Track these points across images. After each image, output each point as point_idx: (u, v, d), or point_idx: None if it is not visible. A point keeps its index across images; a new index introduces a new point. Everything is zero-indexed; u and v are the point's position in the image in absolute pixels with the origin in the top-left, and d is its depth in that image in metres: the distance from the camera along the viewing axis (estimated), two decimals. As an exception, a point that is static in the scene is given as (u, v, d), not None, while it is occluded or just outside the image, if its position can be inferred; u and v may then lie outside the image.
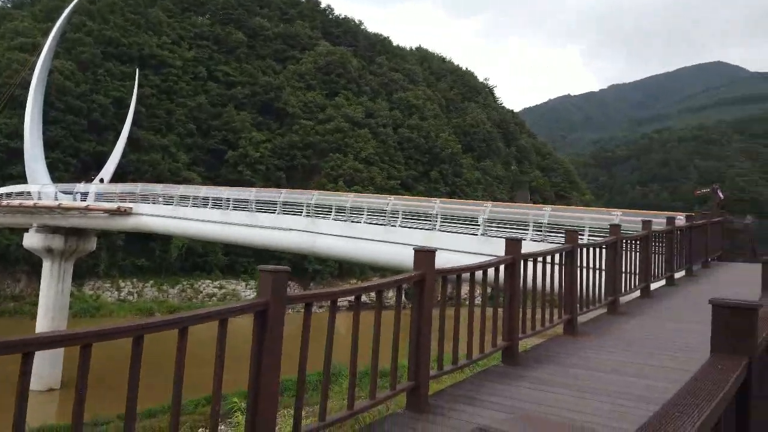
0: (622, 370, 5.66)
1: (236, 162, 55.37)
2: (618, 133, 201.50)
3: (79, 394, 2.49)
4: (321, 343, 3.92)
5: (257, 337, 3.32)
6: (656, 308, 8.67)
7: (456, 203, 23.79)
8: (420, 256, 4.89)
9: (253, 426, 3.24)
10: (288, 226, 23.64)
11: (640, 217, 12.62)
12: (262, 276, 3.41)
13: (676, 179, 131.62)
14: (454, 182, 69.87)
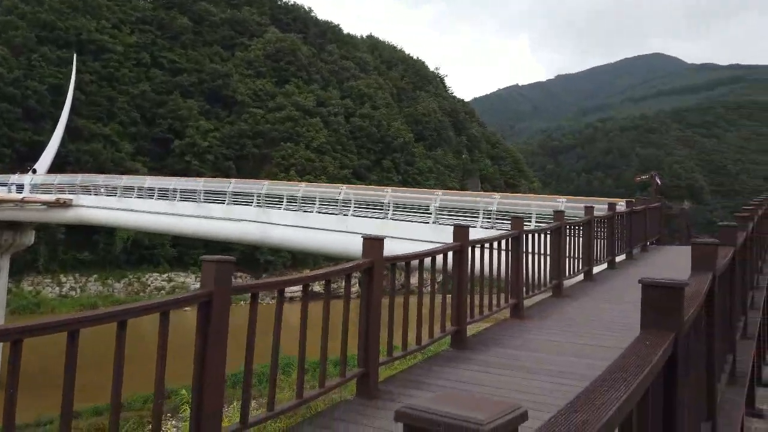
0: (564, 351, 5.87)
1: (183, 151, 53.85)
2: (564, 122, 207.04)
3: (9, 393, 2.38)
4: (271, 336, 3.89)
5: (201, 330, 3.26)
6: (598, 290, 9.01)
7: (408, 192, 23.96)
8: (368, 244, 4.91)
9: (199, 419, 3.20)
10: (238, 217, 23.26)
11: (583, 204, 13.05)
12: (205, 266, 3.35)
13: (618, 167, 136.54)
14: (407, 171, 70.26)
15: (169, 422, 14.63)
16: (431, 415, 0.88)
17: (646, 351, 2.00)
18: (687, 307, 2.62)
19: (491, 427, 0.85)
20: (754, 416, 6.90)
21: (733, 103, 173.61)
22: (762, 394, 7.95)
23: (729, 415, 4.21)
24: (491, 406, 0.93)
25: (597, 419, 1.44)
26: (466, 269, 6.22)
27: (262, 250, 46.52)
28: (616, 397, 1.59)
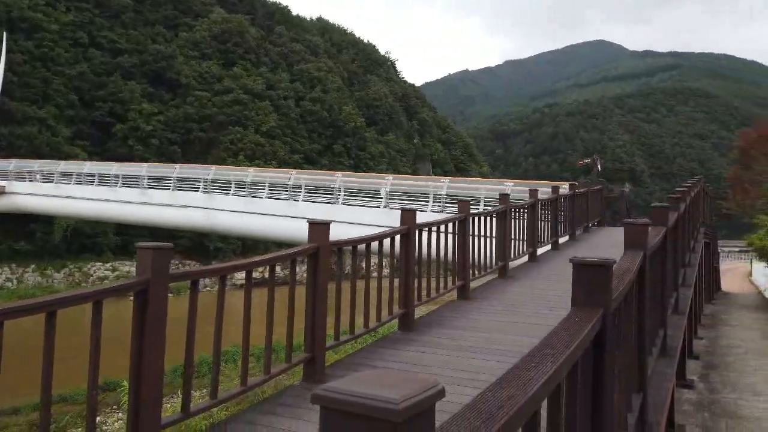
0: (508, 330, 6.03)
1: (126, 136, 51.74)
2: (513, 107, 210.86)
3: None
4: (226, 323, 3.82)
5: (137, 319, 3.17)
6: (542, 271, 9.27)
7: (358, 176, 23.94)
8: (314, 229, 4.88)
9: (137, 409, 3.12)
10: (184, 203, 22.67)
11: (528, 187, 13.36)
12: (140, 253, 3.24)
13: (564, 151, 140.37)
14: (358, 156, 69.97)
15: (115, 414, 14.25)
16: (346, 396, 0.88)
17: (575, 327, 2.07)
18: (617, 284, 2.72)
19: (405, 405, 0.85)
20: (685, 387, 7.31)
21: (671, 89, 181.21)
22: (692, 366, 8.44)
23: (660, 387, 4.43)
24: (409, 384, 0.93)
25: (522, 394, 1.48)
26: (413, 252, 6.28)
27: (211, 237, 45.52)
28: (543, 372, 1.64)
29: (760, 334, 12.06)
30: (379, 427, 0.87)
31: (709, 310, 14.97)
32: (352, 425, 0.89)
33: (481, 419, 1.31)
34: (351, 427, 0.89)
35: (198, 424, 5.57)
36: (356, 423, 0.88)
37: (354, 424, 0.88)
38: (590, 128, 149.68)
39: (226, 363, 10.06)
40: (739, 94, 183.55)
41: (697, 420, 6.02)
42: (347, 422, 0.89)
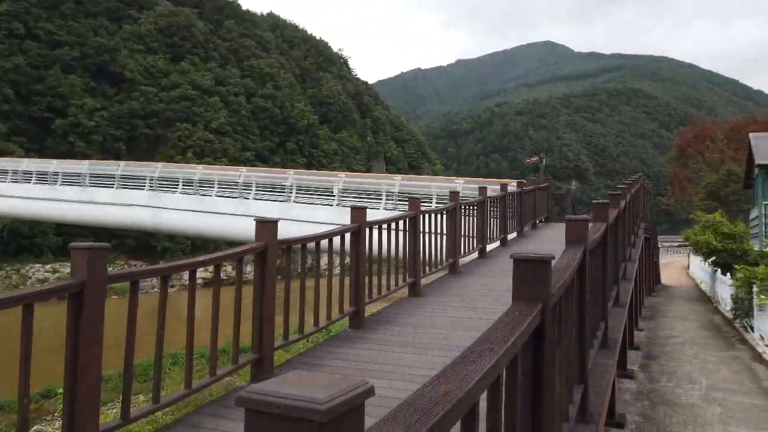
0: (459, 326, 6.11)
1: (66, 132, 49.55)
2: (464, 106, 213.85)
3: None
4: (172, 325, 3.70)
5: (72, 323, 3.03)
6: (491, 267, 9.44)
7: (310, 174, 23.77)
8: (261, 227, 4.80)
9: (72, 416, 2.99)
10: (129, 202, 21.92)
11: (479, 185, 13.58)
12: (74, 254, 3.11)
13: (513, 149, 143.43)
14: (311, 153, 69.40)
15: (56, 422, 13.65)
16: (270, 398, 0.86)
17: (514, 321, 2.11)
18: (557, 278, 2.79)
19: (329, 406, 0.84)
20: (626, 377, 7.60)
21: (615, 90, 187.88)
22: (633, 357, 8.78)
23: (601, 378, 4.58)
24: (336, 383, 0.92)
25: (459, 389, 1.49)
26: (364, 250, 6.27)
27: (158, 237, 44.24)
28: (481, 366, 1.66)
29: (697, 324, 12.66)
30: (304, 429, 0.85)
31: (649, 303, 15.61)
32: (276, 427, 0.87)
33: (417, 415, 1.31)
34: (276, 430, 0.87)
35: (141, 430, 5.40)
36: (281, 425, 0.86)
37: (279, 426, 0.87)
38: (538, 127, 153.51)
39: (174, 366, 9.79)
40: (678, 95, 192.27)
41: (637, 408, 6.26)
42: (273, 425, 0.87)
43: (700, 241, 15.82)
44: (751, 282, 11.47)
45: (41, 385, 13.74)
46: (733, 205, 28.67)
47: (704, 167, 35.44)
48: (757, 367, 8.70)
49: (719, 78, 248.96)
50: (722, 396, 6.97)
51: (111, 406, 9.27)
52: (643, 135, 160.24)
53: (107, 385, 10.48)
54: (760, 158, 17.90)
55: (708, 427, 5.77)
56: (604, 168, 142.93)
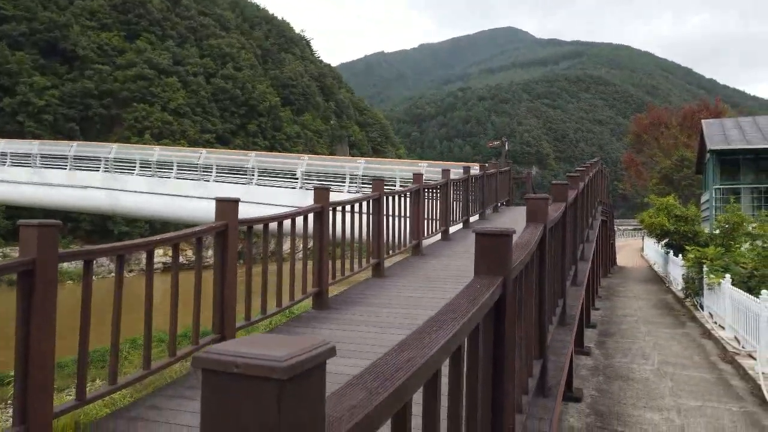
0: (423, 305, 6.16)
1: (15, 111, 47.41)
2: (427, 91, 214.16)
3: None
4: (130, 313, 3.59)
5: (23, 303, 2.92)
6: (454, 248, 9.54)
7: (273, 156, 23.45)
8: (221, 207, 4.71)
9: (24, 398, 2.89)
10: (83, 184, 21.21)
11: (441, 168, 13.65)
12: (24, 231, 2.98)
13: (476, 134, 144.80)
14: (274, 136, 68.40)
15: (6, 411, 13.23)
16: (227, 357, 0.84)
17: (476, 293, 2.12)
18: (517, 254, 2.83)
19: (290, 363, 0.82)
20: (583, 354, 7.82)
21: (575, 77, 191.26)
22: (589, 335, 9.04)
23: (559, 353, 4.70)
24: (297, 343, 0.90)
25: (422, 356, 1.49)
26: (327, 231, 6.23)
27: (115, 220, 43.04)
28: (443, 335, 1.67)
29: (650, 303, 13.13)
30: (264, 387, 0.83)
31: (606, 283, 16.09)
32: (235, 387, 0.84)
33: (379, 381, 1.30)
34: (235, 390, 0.84)
35: (99, 413, 5.28)
36: (240, 384, 0.84)
37: (238, 385, 0.84)
38: (500, 113, 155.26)
39: (132, 350, 9.59)
40: (635, 82, 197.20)
41: (593, 383, 6.47)
42: (230, 384, 0.84)
43: (654, 223, 16.34)
44: (702, 262, 11.93)
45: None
46: (686, 190, 29.71)
47: (659, 153, 36.51)
48: (705, 343, 9.09)
49: (674, 66, 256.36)
50: (673, 370, 7.26)
51: (67, 392, 9.01)
52: (601, 121, 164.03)
53: (63, 371, 10.18)
54: (711, 144, 18.55)
55: (660, 399, 6.01)
56: (564, 153, 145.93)
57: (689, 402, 6.05)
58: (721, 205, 17.24)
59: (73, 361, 11.06)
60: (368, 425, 1.16)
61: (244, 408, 0.85)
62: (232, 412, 0.85)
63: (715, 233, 14.85)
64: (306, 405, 0.89)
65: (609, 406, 5.69)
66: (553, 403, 3.78)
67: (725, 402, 6.09)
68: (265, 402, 0.84)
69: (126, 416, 3.52)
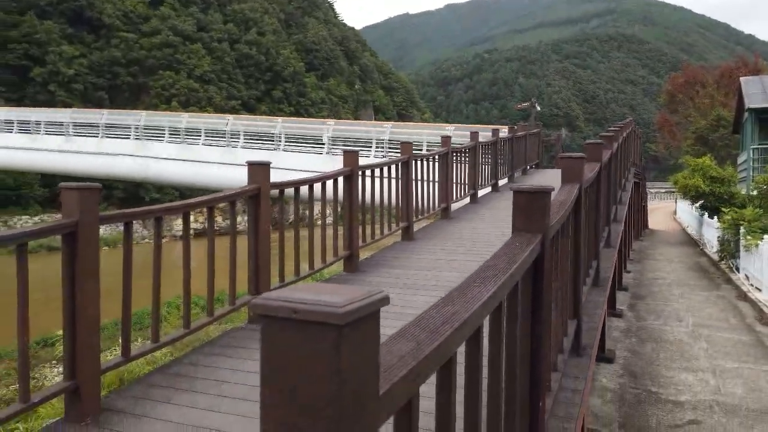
0: (451, 268, 6.17)
1: (45, 81, 48.11)
2: (453, 53, 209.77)
3: None
4: (165, 277, 3.67)
5: (67, 264, 3.00)
6: (482, 212, 9.48)
7: (299, 121, 23.42)
8: (254, 170, 4.74)
9: (73, 355, 3.00)
10: (114, 151, 21.56)
11: (470, 131, 13.46)
12: (65, 194, 3.05)
13: (503, 97, 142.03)
14: (299, 102, 68.20)
15: (54, 369, 13.83)
16: (286, 303, 0.84)
17: (515, 251, 2.11)
18: (554, 213, 2.79)
19: (347, 309, 0.82)
20: (615, 316, 7.78)
21: (605, 36, 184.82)
22: (621, 297, 8.97)
23: (593, 314, 4.67)
24: (351, 291, 0.91)
25: (466, 310, 1.49)
26: (357, 193, 6.24)
27: (146, 187, 43.88)
28: (485, 290, 1.66)
29: (683, 266, 12.92)
30: (322, 332, 0.84)
31: (637, 246, 15.86)
32: (294, 332, 0.85)
33: (425, 333, 1.31)
34: (293, 335, 0.85)
35: (141, 370, 5.48)
36: (298, 329, 0.85)
37: (296, 330, 0.85)
38: (528, 74, 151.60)
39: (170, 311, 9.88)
40: (669, 40, 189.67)
41: (626, 345, 6.44)
42: (289, 330, 0.85)
43: (689, 185, 15.93)
44: (738, 224, 11.63)
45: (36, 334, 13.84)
46: (722, 150, 28.80)
47: (694, 113, 35.35)
48: (741, 305, 8.94)
49: (711, 22, 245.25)
50: (708, 332, 7.18)
51: (108, 353, 9.38)
52: (634, 81, 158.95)
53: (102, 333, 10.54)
54: (750, 102, 17.85)
55: (694, 360, 5.96)
56: (594, 115, 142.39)
57: (725, 363, 5.99)
58: (759, 165, 16.69)
59: (112, 324, 11.46)
60: (418, 375, 1.17)
61: (303, 353, 0.85)
62: (290, 357, 0.86)
63: (753, 194, 14.42)
64: (362, 351, 0.90)
65: (642, 367, 5.67)
66: (588, 363, 3.78)
67: (762, 364, 6.01)
68: (324, 347, 0.84)
69: (167, 372, 3.64)
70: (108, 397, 3.27)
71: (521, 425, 2.23)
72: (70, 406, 3.02)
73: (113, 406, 3.14)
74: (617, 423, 4.39)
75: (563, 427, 2.90)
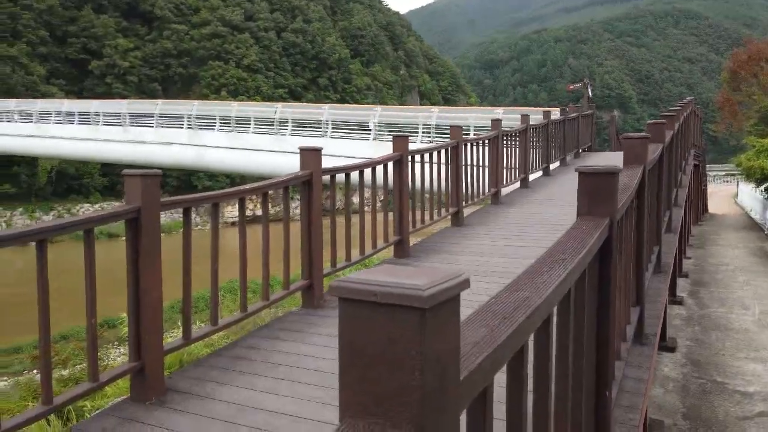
0: (502, 253, 6.06)
1: (103, 73, 50.00)
2: (499, 35, 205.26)
3: None
4: (220, 261, 3.74)
5: (131, 247, 3.09)
6: (534, 196, 9.27)
7: (346, 108, 23.52)
8: (306, 155, 4.76)
9: (137, 336, 3.10)
10: (169, 140, 22.22)
11: (519, 113, 13.16)
12: (128, 181, 3.13)
13: (552, 79, 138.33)
14: (344, 89, 68.45)
15: (116, 349, 14.49)
16: (367, 285, 0.81)
17: (583, 235, 2.02)
18: (620, 195, 2.67)
19: (431, 292, 0.79)
20: (675, 303, 7.49)
21: (661, 12, 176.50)
22: (681, 284, 8.62)
23: (655, 301, 4.50)
24: (431, 272, 0.87)
25: (538, 296, 1.44)
26: (407, 178, 6.19)
27: (198, 175, 45.10)
28: (556, 275, 1.60)
29: (746, 252, 12.32)
30: (405, 316, 0.81)
31: (697, 231, 15.21)
32: (374, 315, 0.82)
33: (498, 319, 1.26)
34: (374, 318, 0.83)
35: (199, 352, 5.65)
36: (379, 312, 0.82)
37: (377, 314, 0.82)
38: (579, 54, 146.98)
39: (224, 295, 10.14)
40: (730, 14, 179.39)
41: (688, 333, 6.20)
42: (369, 313, 0.83)
43: (754, 166, 15.13)
44: (809, 208, 10.97)
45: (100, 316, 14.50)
46: (789, 130, 27.16)
47: (758, 91, 33.42)
48: (812, 294, 8.44)
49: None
50: (776, 322, 6.81)
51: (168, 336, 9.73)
52: (691, 59, 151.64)
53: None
54: (823, 78, 16.71)
55: (763, 350, 5.68)
56: (648, 96, 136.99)
57: (795, 354, 5.66)
58: (831, 145, 15.66)
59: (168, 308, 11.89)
60: (493, 362, 1.12)
61: (384, 337, 0.83)
62: (371, 341, 0.83)
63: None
64: (443, 336, 0.86)
65: (706, 356, 5.44)
66: (651, 351, 3.64)
67: (836, 355, 5.66)
68: (406, 331, 0.81)
69: (226, 355, 3.73)
70: (171, 377, 3.37)
71: (587, 415, 2.16)
72: (136, 385, 3.13)
73: (176, 387, 3.23)
74: (681, 414, 4.23)
75: (627, 418, 2.80)
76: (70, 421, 5.17)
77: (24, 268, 23.70)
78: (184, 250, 3.40)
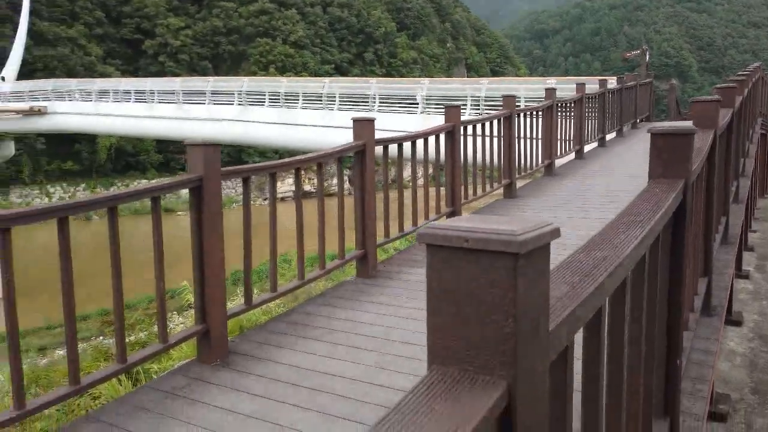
0: (560, 225, 5.92)
1: (156, 52, 51.31)
2: (551, 3, 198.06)
3: (5, 279, 2.32)
4: (265, 236, 3.79)
5: (195, 215, 3.18)
6: (589, 168, 9.00)
7: (393, 82, 23.32)
8: (359, 126, 4.75)
9: (203, 300, 3.21)
10: (220, 117, 22.67)
11: (573, 83, 12.71)
12: (191, 151, 3.21)
13: (606, 48, 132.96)
14: (390, 63, 67.88)
15: (176, 319, 15.13)
16: (456, 232, 0.79)
17: (658, 196, 1.94)
18: (695, 156, 2.55)
19: (525, 238, 0.76)
20: (741, 277, 7.16)
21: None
22: (747, 258, 8.23)
23: (722, 273, 4.32)
24: (522, 220, 0.84)
25: (616, 256, 1.39)
26: (459, 149, 6.11)
27: (248, 152, 45.93)
28: (633, 235, 1.54)
29: (817, 226, 11.61)
30: (498, 261, 0.79)
31: (763, 204, 14.45)
32: (465, 262, 0.81)
33: (578, 276, 1.23)
34: (464, 265, 0.81)
35: (258, 319, 5.81)
36: (470, 259, 0.80)
37: (467, 260, 0.80)
38: (634, 21, 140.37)
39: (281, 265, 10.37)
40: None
41: (755, 308, 5.94)
42: (460, 259, 0.81)
43: (828, 136, 14.15)
44: None
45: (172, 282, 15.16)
46: None
47: (834, 55, 31.14)
48: None
49: None
50: None
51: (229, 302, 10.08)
52: (757, 24, 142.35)
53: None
54: None
55: (839, 327, 5.38)
56: (710, 64, 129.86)
57: None
58: None
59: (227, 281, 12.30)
60: (577, 319, 1.09)
61: (475, 284, 0.81)
62: (461, 288, 0.82)
63: None
64: (535, 283, 0.84)
65: (774, 332, 5.21)
66: (719, 324, 3.51)
67: None
68: (499, 277, 0.79)
69: (285, 320, 3.82)
70: (233, 341, 3.48)
71: (657, 383, 2.10)
72: (201, 348, 3.25)
73: (239, 350, 3.34)
74: (749, 388, 4.08)
75: (695, 389, 2.72)
76: (138, 382, 5.44)
77: (82, 241, 24.81)
78: (244, 218, 3.48)
